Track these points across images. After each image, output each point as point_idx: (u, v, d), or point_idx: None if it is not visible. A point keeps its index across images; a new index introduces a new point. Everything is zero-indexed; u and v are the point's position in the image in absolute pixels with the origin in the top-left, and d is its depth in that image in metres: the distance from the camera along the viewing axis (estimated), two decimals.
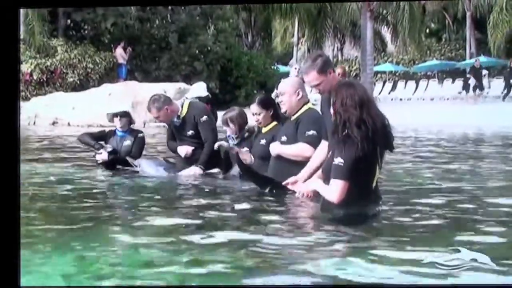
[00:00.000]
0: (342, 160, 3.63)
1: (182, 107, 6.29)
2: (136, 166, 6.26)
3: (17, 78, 2.65)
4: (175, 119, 6.24)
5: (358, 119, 3.62)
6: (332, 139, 3.85)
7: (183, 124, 6.26)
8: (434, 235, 3.47)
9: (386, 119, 3.80)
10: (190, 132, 6.22)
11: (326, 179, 3.81)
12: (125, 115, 6.69)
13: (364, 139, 3.61)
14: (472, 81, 26.66)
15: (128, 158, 6.41)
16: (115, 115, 6.65)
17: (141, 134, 6.69)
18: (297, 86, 4.99)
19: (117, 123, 6.64)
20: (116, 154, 6.44)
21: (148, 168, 6.22)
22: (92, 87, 19.09)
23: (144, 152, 6.83)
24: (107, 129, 6.87)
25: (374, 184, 3.79)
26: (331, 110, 3.80)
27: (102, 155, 6.38)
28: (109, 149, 6.41)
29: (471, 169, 6.90)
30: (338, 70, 9.81)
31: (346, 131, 3.65)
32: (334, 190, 3.68)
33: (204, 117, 6.20)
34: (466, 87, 27.52)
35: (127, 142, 6.58)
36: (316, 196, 4.12)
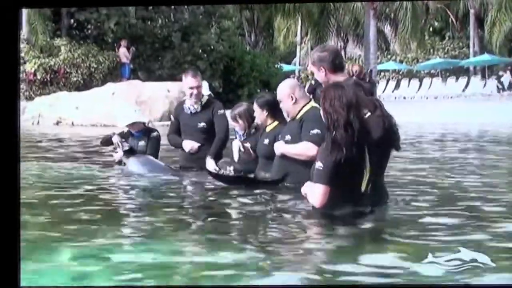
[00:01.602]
0: (321, 164, 3.63)
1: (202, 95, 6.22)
2: (125, 164, 6.29)
3: (17, 78, 2.65)
4: (195, 105, 6.13)
5: (345, 122, 3.60)
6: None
7: (197, 113, 6.15)
8: None
9: (393, 119, 3.80)
10: (202, 124, 6.11)
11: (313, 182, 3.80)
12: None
13: (349, 143, 3.57)
14: (505, 79, 26.27)
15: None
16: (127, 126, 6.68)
17: (154, 134, 6.60)
18: (289, 91, 4.98)
19: (130, 128, 6.67)
20: (133, 152, 6.45)
21: (132, 166, 6.19)
22: (95, 87, 19.11)
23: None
24: (124, 130, 6.84)
25: (364, 187, 3.71)
26: (321, 111, 3.79)
27: (118, 154, 6.46)
28: (126, 148, 6.43)
29: None
30: (355, 68, 9.81)
31: (334, 132, 3.62)
32: (315, 194, 3.68)
33: (223, 111, 6.14)
34: (500, 84, 27.15)
35: (142, 142, 6.54)
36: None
